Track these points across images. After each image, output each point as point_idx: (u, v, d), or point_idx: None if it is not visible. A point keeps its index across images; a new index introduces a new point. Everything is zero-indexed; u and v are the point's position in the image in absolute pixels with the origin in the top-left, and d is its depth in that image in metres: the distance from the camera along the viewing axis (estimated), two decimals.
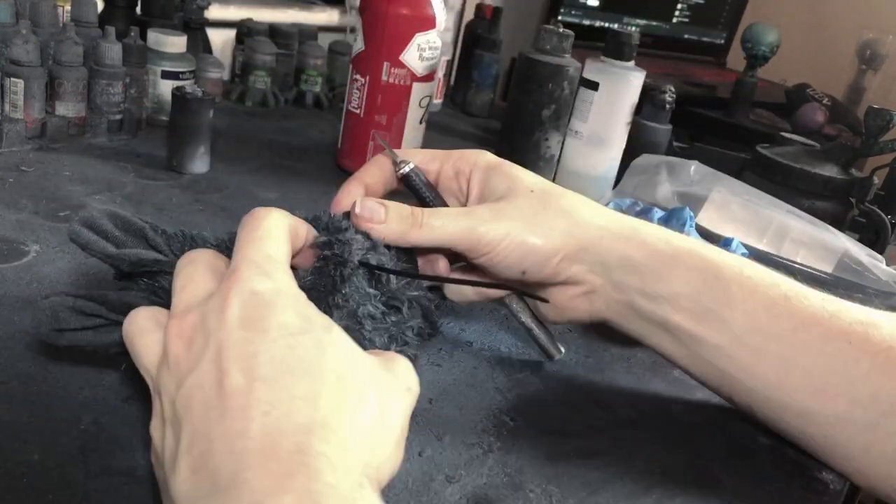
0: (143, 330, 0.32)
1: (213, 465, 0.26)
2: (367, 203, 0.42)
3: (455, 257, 0.46)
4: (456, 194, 0.48)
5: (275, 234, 0.34)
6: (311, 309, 0.31)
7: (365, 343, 0.38)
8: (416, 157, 0.48)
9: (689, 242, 0.46)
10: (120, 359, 0.41)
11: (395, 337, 0.40)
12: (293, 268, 0.36)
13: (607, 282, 0.45)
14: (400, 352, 0.37)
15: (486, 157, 0.48)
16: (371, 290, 0.39)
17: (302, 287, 0.33)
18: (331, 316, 0.35)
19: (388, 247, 0.42)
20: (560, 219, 0.44)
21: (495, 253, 0.43)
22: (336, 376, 0.29)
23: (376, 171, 0.47)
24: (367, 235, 0.41)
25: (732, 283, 0.44)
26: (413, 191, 0.47)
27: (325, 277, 0.38)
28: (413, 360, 0.35)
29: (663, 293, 0.44)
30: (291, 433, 0.26)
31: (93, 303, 0.36)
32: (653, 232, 0.46)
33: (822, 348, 0.42)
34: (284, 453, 0.26)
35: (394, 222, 0.42)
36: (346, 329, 0.32)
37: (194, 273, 0.33)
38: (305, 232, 0.38)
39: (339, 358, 0.30)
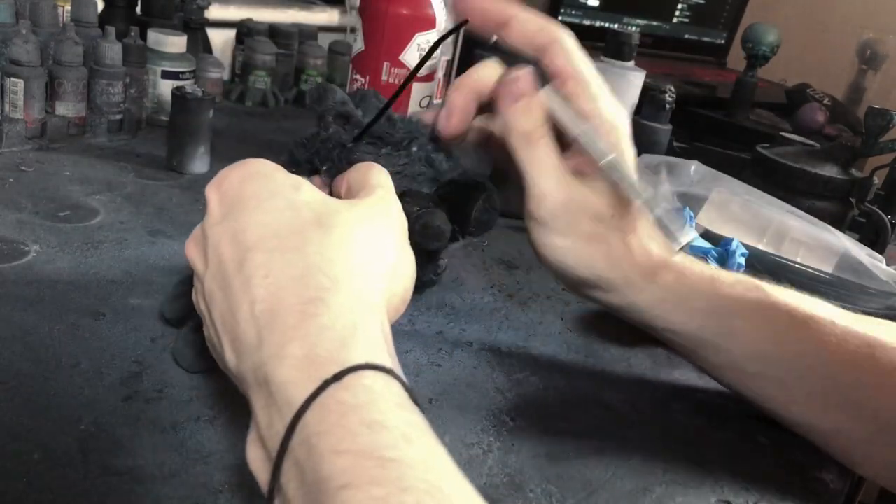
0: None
1: (238, 332, 0.30)
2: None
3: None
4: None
5: None
6: (278, 172, 0.34)
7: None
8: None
9: (708, 280, 0.45)
10: (118, 361, 0.41)
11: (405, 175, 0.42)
12: None
13: (616, 297, 0.46)
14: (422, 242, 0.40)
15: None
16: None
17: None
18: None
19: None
20: (608, 261, 0.44)
21: (536, 229, 0.43)
22: (316, 224, 0.32)
23: (489, 75, 0.43)
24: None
25: (739, 318, 0.44)
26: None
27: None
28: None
29: (662, 326, 0.46)
30: (290, 286, 0.29)
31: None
32: (675, 271, 0.45)
33: (826, 372, 0.43)
34: (288, 305, 0.29)
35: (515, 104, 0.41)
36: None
37: None
38: None
39: (315, 207, 0.32)
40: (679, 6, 1.71)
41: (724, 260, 0.63)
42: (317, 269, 0.30)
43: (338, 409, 0.25)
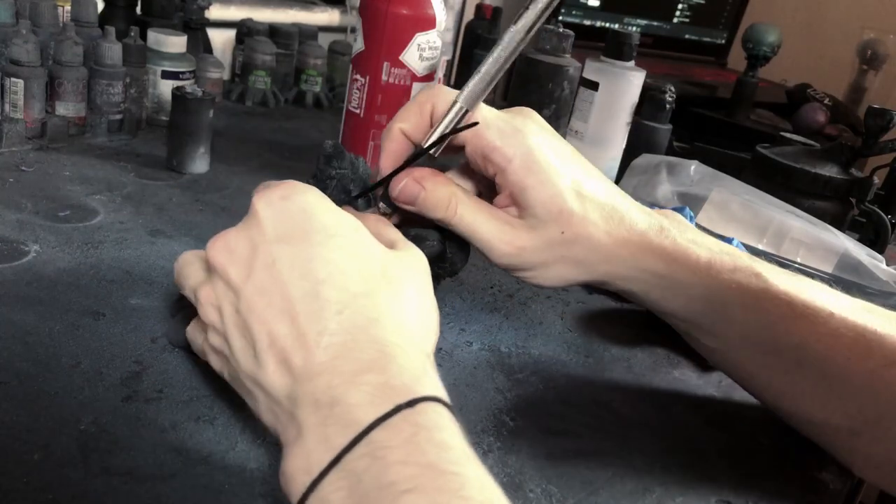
0: (188, 262, 0.39)
1: (299, 357, 0.31)
2: (405, 187, 0.43)
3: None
4: (479, 173, 0.46)
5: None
6: (338, 210, 0.36)
7: None
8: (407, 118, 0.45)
9: (705, 267, 0.45)
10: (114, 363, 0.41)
11: None
12: None
13: (615, 283, 0.47)
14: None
15: (523, 158, 0.43)
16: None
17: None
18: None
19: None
20: (579, 267, 0.45)
21: (506, 268, 0.45)
22: (380, 272, 0.35)
23: (414, 117, 0.45)
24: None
25: (736, 306, 0.44)
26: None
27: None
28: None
29: (661, 308, 0.47)
30: (364, 327, 0.32)
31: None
32: (668, 251, 0.45)
33: (818, 365, 0.43)
34: (362, 343, 0.31)
35: (428, 207, 0.43)
36: None
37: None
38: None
39: (376, 254, 0.35)
40: (679, 6, 1.71)
41: None
42: (387, 316, 0.33)
43: (408, 429, 0.29)
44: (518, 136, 0.44)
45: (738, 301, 0.44)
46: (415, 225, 0.46)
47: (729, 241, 0.64)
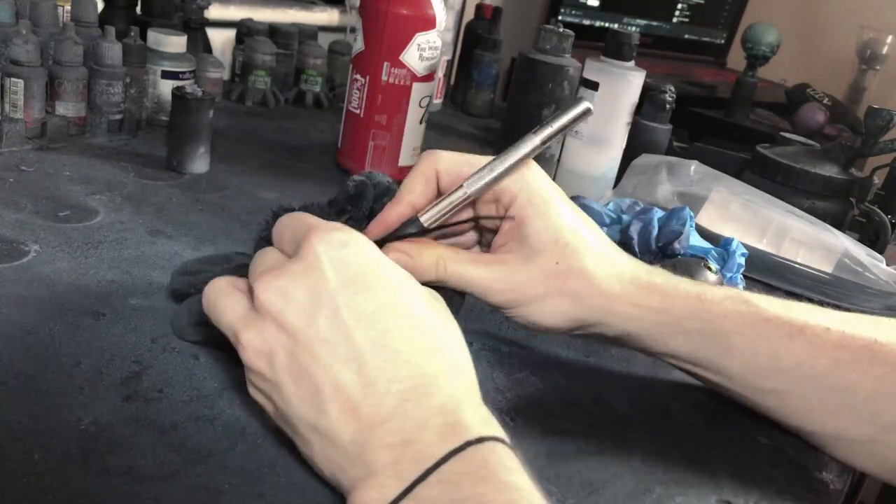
0: (224, 293, 0.37)
1: (367, 404, 0.33)
2: (392, 256, 0.41)
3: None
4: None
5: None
6: (391, 261, 0.37)
7: None
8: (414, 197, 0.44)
9: (696, 299, 0.45)
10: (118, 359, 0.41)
11: None
12: None
13: (612, 324, 0.45)
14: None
15: (525, 192, 0.43)
16: None
17: None
18: None
19: None
20: (574, 301, 0.44)
21: (517, 313, 0.44)
22: (436, 321, 0.36)
23: (420, 187, 0.44)
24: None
25: (733, 335, 0.44)
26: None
27: None
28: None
29: (662, 351, 0.46)
30: (434, 375, 0.34)
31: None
32: (659, 286, 0.45)
33: (824, 380, 0.43)
34: (432, 391, 0.33)
35: (419, 273, 0.42)
36: None
37: (267, 252, 0.38)
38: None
39: (428, 304, 0.37)
40: (679, 6, 1.72)
41: (724, 260, 0.63)
42: (451, 364, 0.35)
43: (478, 461, 0.31)
44: (520, 175, 0.44)
45: (733, 329, 0.44)
46: None
47: (729, 241, 0.64)
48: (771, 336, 0.44)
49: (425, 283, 0.41)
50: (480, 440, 0.32)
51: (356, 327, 0.33)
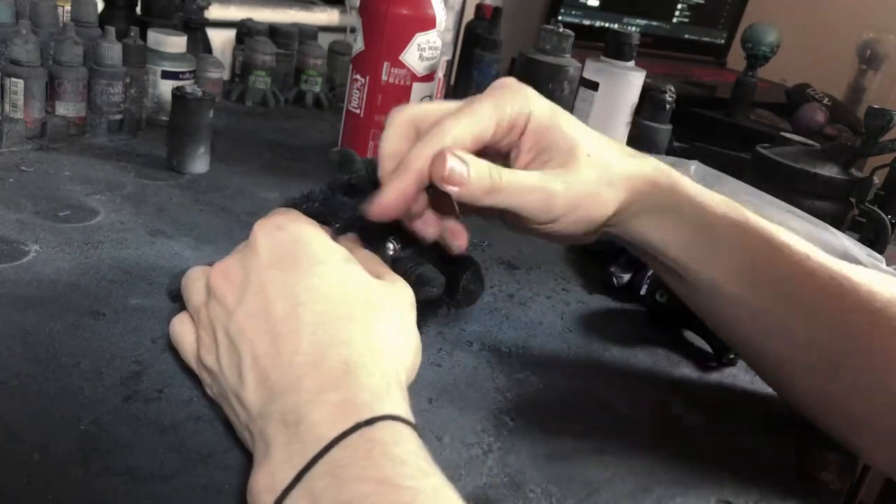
0: (193, 278, 0.40)
1: (275, 376, 0.33)
2: (449, 161, 0.39)
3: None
4: (507, 146, 0.45)
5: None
6: (329, 241, 0.38)
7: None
8: (464, 128, 0.41)
9: (695, 195, 0.47)
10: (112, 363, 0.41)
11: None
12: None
13: (626, 221, 0.47)
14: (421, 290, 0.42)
15: (538, 109, 0.44)
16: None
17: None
18: None
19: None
20: (613, 189, 0.45)
21: (559, 223, 0.44)
22: (361, 298, 0.36)
23: (405, 145, 0.42)
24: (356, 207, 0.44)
25: (720, 237, 0.46)
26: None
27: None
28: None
29: (658, 246, 0.47)
30: (335, 347, 0.33)
31: None
32: (673, 180, 0.47)
33: (795, 305, 0.44)
34: (331, 363, 0.33)
35: (474, 183, 0.40)
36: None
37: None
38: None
39: (360, 282, 0.37)
40: (679, 6, 1.71)
41: None
42: (360, 338, 0.34)
43: (365, 446, 0.29)
44: (522, 93, 0.44)
45: (724, 233, 0.46)
46: (423, 264, 0.45)
47: None
48: (755, 248, 0.46)
49: (439, 267, 0.44)
50: (371, 421, 0.30)
51: (275, 300, 0.35)
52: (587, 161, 0.44)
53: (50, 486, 0.32)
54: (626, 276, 0.63)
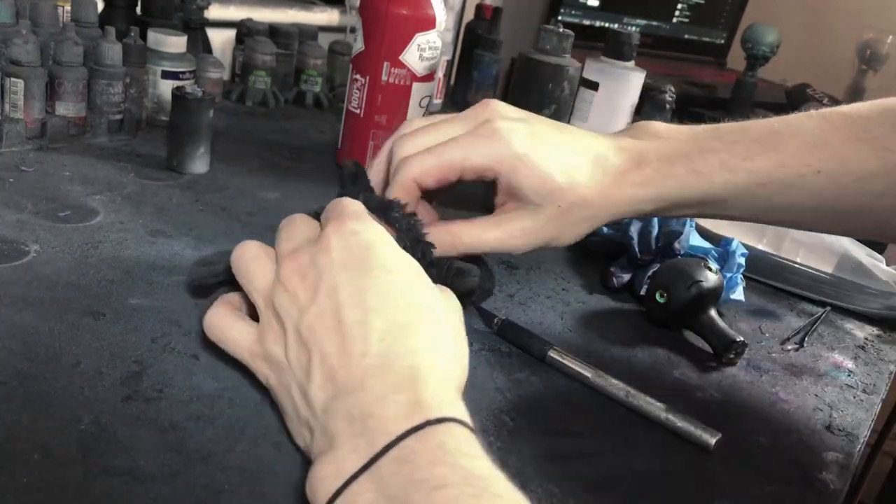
0: (256, 256, 0.41)
1: (342, 374, 0.34)
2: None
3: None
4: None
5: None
6: (398, 249, 0.40)
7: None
8: (425, 171, 0.47)
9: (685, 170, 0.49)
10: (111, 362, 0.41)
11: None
12: None
13: (623, 215, 0.51)
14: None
15: (509, 158, 0.47)
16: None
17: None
18: None
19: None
20: (588, 220, 0.50)
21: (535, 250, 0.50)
22: (426, 308, 0.38)
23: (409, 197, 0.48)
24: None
25: (731, 199, 0.50)
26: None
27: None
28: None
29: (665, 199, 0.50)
30: (402, 355, 0.35)
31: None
32: (651, 178, 0.49)
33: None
34: (398, 368, 0.34)
35: (437, 245, 0.47)
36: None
37: (294, 225, 0.42)
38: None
39: (425, 292, 0.39)
40: (679, 6, 1.72)
41: (724, 260, 0.63)
42: (425, 346, 0.36)
43: (436, 440, 0.31)
44: (494, 143, 0.48)
45: (730, 196, 0.50)
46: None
47: (729, 241, 0.64)
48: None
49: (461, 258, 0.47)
50: (440, 420, 0.32)
51: (347, 304, 0.36)
52: (556, 212, 0.48)
53: (50, 486, 0.32)
54: (626, 276, 0.63)
